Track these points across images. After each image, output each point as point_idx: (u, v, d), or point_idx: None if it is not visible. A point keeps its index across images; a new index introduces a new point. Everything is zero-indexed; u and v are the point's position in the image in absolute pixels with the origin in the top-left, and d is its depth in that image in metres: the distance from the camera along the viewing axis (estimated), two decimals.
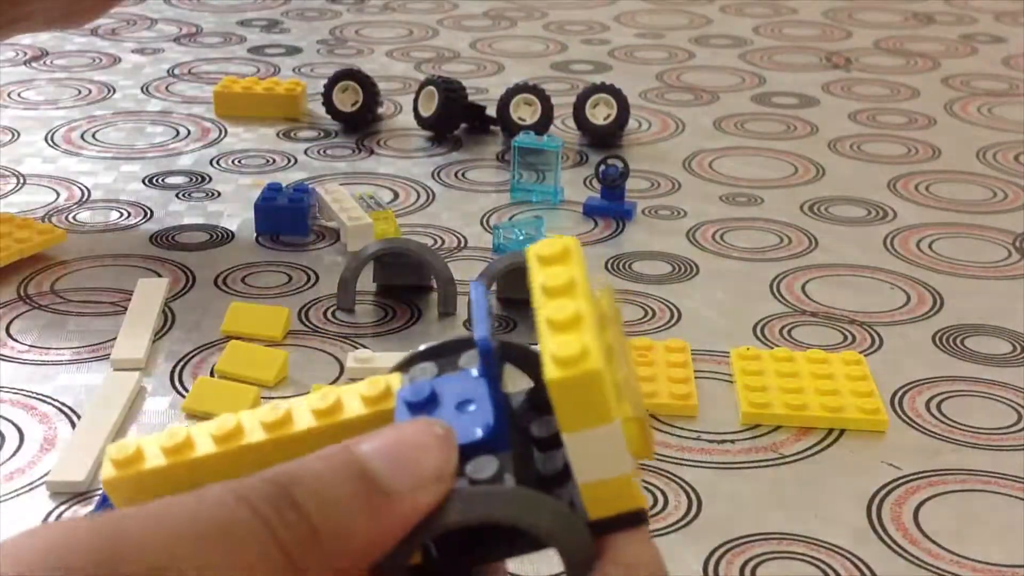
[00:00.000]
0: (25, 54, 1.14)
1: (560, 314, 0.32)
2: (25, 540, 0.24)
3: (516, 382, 0.35)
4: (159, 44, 1.18)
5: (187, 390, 0.58)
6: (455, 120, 0.92)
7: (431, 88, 0.91)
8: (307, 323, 0.65)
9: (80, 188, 0.83)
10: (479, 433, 0.33)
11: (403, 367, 0.37)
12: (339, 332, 0.64)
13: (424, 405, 0.34)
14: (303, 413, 0.36)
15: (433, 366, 0.36)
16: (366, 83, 0.93)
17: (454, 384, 0.35)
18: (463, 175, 0.86)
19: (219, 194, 0.82)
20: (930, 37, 1.25)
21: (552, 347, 0.31)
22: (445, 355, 0.36)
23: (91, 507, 0.49)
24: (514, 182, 0.82)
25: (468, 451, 0.32)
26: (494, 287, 0.65)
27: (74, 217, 0.78)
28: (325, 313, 0.66)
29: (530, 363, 0.35)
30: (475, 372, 0.35)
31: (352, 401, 0.36)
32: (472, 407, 0.34)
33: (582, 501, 0.31)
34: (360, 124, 0.94)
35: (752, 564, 0.47)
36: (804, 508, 0.51)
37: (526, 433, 0.34)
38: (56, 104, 1.00)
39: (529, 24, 1.27)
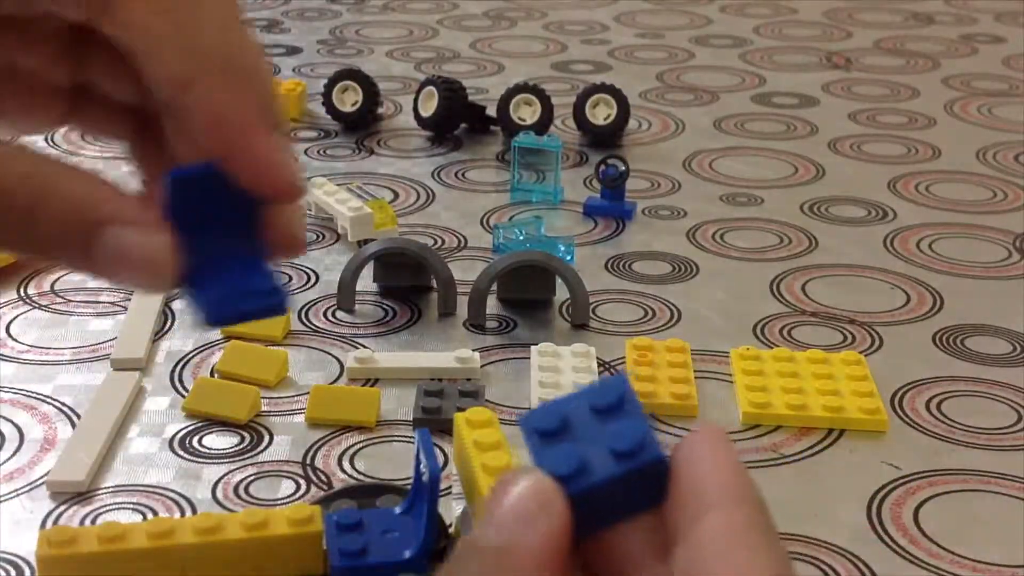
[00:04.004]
0: None
1: (494, 462, 0.39)
2: None
3: None
4: None
5: (187, 390, 0.58)
6: (455, 120, 0.92)
7: (431, 88, 0.91)
8: (307, 323, 0.65)
9: None
10: (407, 554, 0.40)
11: (324, 502, 0.44)
12: (339, 332, 0.64)
13: (354, 527, 0.42)
14: (234, 525, 0.42)
15: (353, 502, 0.44)
16: (366, 83, 0.93)
17: (377, 517, 0.42)
18: (463, 175, 0.86)
19: None
20: (930, 37, 1.25)
21: (490, 483, 0.38)
22: (363, 496, 0.44)
23: (91, 507, 0.49)
24: (514, 182, 0.82)
25: (393, 569, 0.40)
26: (494, 287, 0.65)
27: None
28: (325, 313, 0.66)
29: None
30: (397, 510, 0.43)
31: (279, 521, 0.42)
32: (395, 534, 0.41)
33: None
34: (360, 124, 0.94)
35: None
36: (804, 508, 0.51)
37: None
38: None
39: (529, 24, 1.27)
